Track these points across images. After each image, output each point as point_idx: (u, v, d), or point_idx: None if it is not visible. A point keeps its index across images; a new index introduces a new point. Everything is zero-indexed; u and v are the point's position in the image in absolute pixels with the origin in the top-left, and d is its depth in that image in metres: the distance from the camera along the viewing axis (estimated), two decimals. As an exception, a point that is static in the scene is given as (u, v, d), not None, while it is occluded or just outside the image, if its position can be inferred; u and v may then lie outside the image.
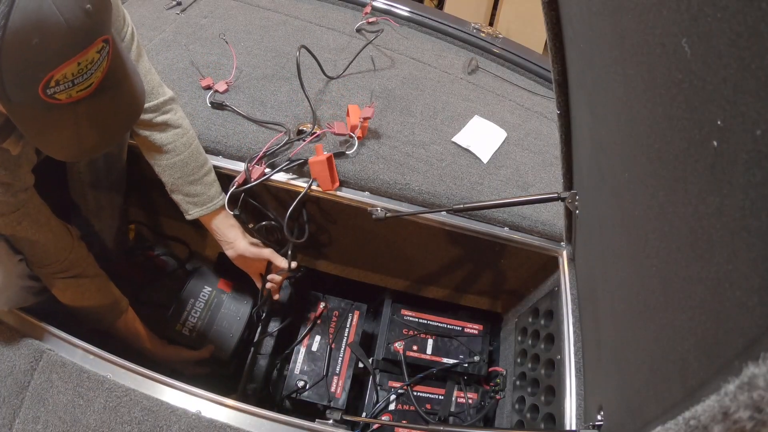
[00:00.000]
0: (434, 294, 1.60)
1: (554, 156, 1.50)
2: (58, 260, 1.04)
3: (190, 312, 1.42)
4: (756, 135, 0.35)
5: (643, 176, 0.59)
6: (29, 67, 0.64)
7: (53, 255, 1.03)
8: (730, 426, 0.35)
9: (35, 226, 0.97)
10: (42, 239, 0.99)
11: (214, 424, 0.97)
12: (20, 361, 1.00)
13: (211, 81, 1.44)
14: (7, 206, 0.91)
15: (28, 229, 0.96)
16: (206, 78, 1.44)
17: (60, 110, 0.69)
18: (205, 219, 1.23)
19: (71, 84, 0.67)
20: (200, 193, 1.19)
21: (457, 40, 1.86)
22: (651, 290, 0.59)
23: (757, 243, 0.36)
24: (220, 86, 1.43)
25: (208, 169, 1.21)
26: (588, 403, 1.00)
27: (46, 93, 0.66)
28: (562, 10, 0.86)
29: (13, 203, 0.91)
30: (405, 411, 1.32)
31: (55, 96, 0.67)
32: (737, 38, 0.36)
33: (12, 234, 0.96)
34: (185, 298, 1.43)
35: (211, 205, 1.20)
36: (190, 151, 1.17)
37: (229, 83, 1.45)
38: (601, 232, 0.88)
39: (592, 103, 0.81)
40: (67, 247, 1.05)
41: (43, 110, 0.68)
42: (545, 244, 1.31)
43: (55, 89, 0.66)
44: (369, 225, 1.26)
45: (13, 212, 0.92)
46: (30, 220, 0.96)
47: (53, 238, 1.02)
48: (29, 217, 0.96)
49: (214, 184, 1.22)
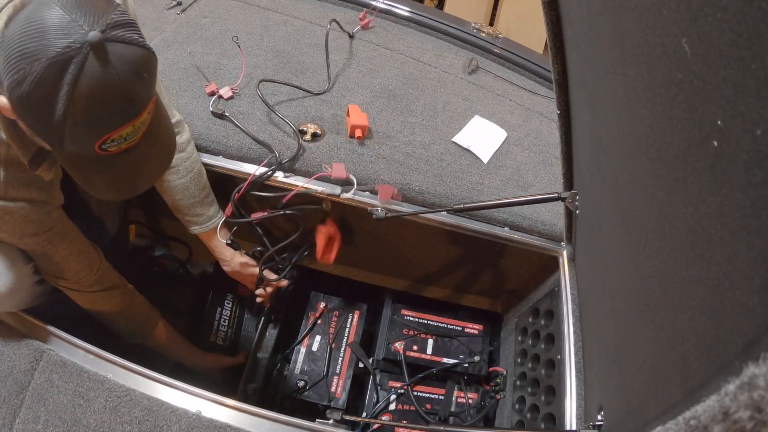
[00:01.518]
0: (434, 294, 1.60)
1: (554, 156, 1.50)
2: (88, 275, 1.06)
3: (219, 321, 1.46)
4: (756, 135, 0.35)
5: (643, 176, 0.59)
6: (91, 129, 0.69)
7: (83, 270, 1.05)
8: (731, 426, 0.35)
9: (66, 242, 0.99)
10: (71, 256, 1.01)
11: (214, 424, 0.97)
12: (20, 361, 1.00)
13: (215, 87, 1.41)
14: (41, 225, 0.93)
15: (59, 246, 0.98)
16: (211, 83, 1.42)
17: (109, 159, 0.74)
18: (203, 237, 1.29)
19: (123, 140, 0.73)
20: (200, 214, 1.25)
21: (457, 40, 1.86)
22: (651, 290, 0.59)
23: (757, 243, 0.36)
24: (225, 92, 1.40)
25: (208, 191, 1.26)
26: (588, 403, 1.00)
27: (101, 148, 0.72)
28: (562, 10, 0.86)
29: (47, 222, 0.94)
30: (405, 411, 1.32)
31: (108, 149, 0.72)
32: (737, 38, 0.36)
33: (43, 252, 0.98)
34: (212, 308, 1.46)
35: (210, 224, 1.27)
36: (193, 175, 1.21)
37: (235, 90, 1.42)
38: (602, 232, 0.88)
39: (592, 103, 0.81)
40: (95, 262, 1.08)
41: (93, 159, 0.73)
42: (545, 244, 1.31)
43: (109, 145, 0.72)
44: (369, 225, 1.27)
45: (46, 231, 0.94)
46: (61, 238, 0.98)
47: (83, 255, 1.04)
48: (60, 235, 0.98)
49: (213, 205, 1.27)
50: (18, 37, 0.64)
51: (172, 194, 1.21)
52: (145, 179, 0.83)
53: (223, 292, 1.49)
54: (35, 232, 0.93)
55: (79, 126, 0.68)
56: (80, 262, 1.04)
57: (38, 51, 0.63)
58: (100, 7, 0.67)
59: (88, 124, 0.68)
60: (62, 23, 0.64)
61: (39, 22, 0.64)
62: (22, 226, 0.91)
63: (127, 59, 0.68)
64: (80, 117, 0.67)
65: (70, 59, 0.64)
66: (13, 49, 0.64)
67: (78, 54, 0.64)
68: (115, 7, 0.68)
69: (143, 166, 0.80)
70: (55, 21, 0.64)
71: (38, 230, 0.93)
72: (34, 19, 0.64)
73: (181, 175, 1.19)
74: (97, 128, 0.69)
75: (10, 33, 0.66)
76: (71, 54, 0.63)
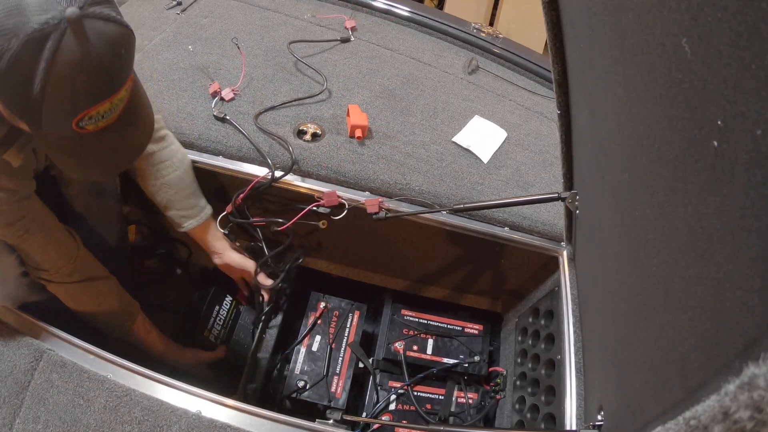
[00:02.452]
0: (434, 294, 1.60)
1: (554, 156, 1.50)
2: (66, 265, 1.05)
3: (215, 319, 1.46)
4: (756, 135, 0.35)
5: (643, 176, 0.59)
6: (68, 105, 0.69)
7: (61, 260, 1.04)
8: (731, 426, 0.35)
9: (42, 231, 0.98)
10: (49, 245, 1.00)
11: (214, 424, 0.97)
12: (20, 361, 1.00)
13: (218, 86, 1.41)
14: (12, 215, 0.92)
15: (35, 235, 0.97)
16: (214, 83, 1.42)
17: (87, 138, 0.74)
18: (198, 230, 1.27)
19: (101, 117, 0.73)
20: (194, 206, 1.24)
21: (457, 40, 1.86)
22: (651, 290, 0.59)
23: (757, 243, 0.36)
24: (226, 94, 1.40)
25: (196, 181, 1.26)
26: (588, 403, 1.00)
27: (79, 125, 0.71)
28: (562, 10, 0.86)
29: (17, 211, 0.92)
30: (405, 411, 1.32)
31: (85, 127, 0.72)
32: (737, 38, 0.36)
33: (18, 244, 0.97)
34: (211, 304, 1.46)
35: (203, 215, 1.26)
36: (185, 165, 1.22)
37: (236, 91, 1.43)
38: (602, 232, 0.88)
39: (592, 103, 0.81)
40: (72, 251, 1.06)
41: (71, 138, 0.73)
42: (545, 244, 1.31)
43: (87, 122, 0.72)
44: (369, 225, 1.27)
45: (19, 220, 0.93)
46: (36, 226, 0.97)
47: (59, 243, 1.03)
48: (35, 223, 0.97)
49: (202, 196, 1.28)
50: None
51: (168, 190, 1.20)
52: (123, 160, 0.84)
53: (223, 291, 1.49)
54: (8, 222, 0.92)
55: (56, 102, 0.67)
56: (58, 251, 1.02)
57: (16, 27, 0.62)
58: None
59: (65, 100, 0.68)
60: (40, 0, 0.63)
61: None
62: None
63: (105, 36, 0.67)
64: (57, 93, 0.67)
65: (48, 35, 0.63)
66: None
67: (56, 30, 0.63)
68: None
69: (121, 147, 0.80)
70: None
71: (11, 219, 0.92)
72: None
73: (175, 167, 1.19)
74: (74, 104, 0.69)
75: None
76: (49, 30, 0.63)
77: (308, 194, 1.30)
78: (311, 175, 1.31)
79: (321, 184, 1.31)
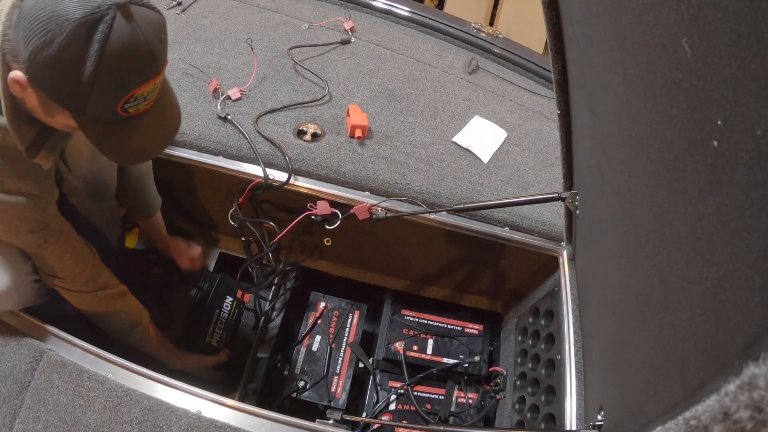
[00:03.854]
0: (434, 294, 1.60)
1: (554, 156, 1.50)
2: (82, 273, 1.06)
3: (216, 323, 1.46)
4: (756, 135, 0.35)
5: (643, 176, 0.59)
6: (116, 86, 0.73)
7: (78, 268, 1.05)
8: (731, 426, 0.35)
9: (61, 240, 0.99)
10: (66, 254, 1.01)
11: (214, 424, 0.97)
12: (20, 361, 1.00)
13: (217, 83, 1.41)
14: (36, 223, 0.93)
15: (55, 244, 0.98)
16: (212, 80, 1.42)
17: (128, 122, 0.78)
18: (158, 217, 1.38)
19: (143, 99, 0.77)
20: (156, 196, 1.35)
21: (457, 40, 1.86)
22: (651, 290, 0.59)
23: (757, 243, 0.36)
24: (233, 93, 1.40)
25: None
26: (588, 403, 1.00)
27: (123, 108, 0.75)
28: (562, 10, 0.86)
29: (42, 219, 0.93)
30: (405, 411, 1.32)
31: (128, 110, 0.76)
32: (737, 38, 0.36)
33: (38, 252, 0.97)
34: (210, 308, 1.45)
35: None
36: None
37: (244, 91, 1.42)
38: (602, 232, 0.88)
39: (592, 103, 0.81)
40: (89, 260, 1.07)
41: (114, 123, 0.77)
42: (545, 244, 1.31)
43: (130, 105, 0.75)
44: (369, 225, 1.27)
45: (42, 229, 0.94)
46: (55, 236, 0.98)
47: (76, 252, 1.04)
48: (56, 233, 0.98)
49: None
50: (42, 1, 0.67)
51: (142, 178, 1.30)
52: (158, 144, 0.87)
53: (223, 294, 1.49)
54: (31, 229, 0.93)
55: (106, 84, 0.71)
56: (75, 260, 1.03)
57: (67, 12, 0.66)
58: None
59: (115, 81, 0.72)
60: None
61: None
62: (18, 223, 0.90)
63: (149, 20, 0.73)
64: (108, 74, 0.70)
65: (100, 18, 0.67)
66: (37, 14, 0.67)
67: (107, 14, 0.67)
68: None
69: (157, 131, 0.84)
70: None
71: (34, 227, 0.93)
72: None
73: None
74: (124, 84, 0.73)
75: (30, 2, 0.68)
76: (101, 14, 0.67)
77: (308, 194, 1.30)
78: (311, 175, 1.31)
79: (321, 184, 1.31)
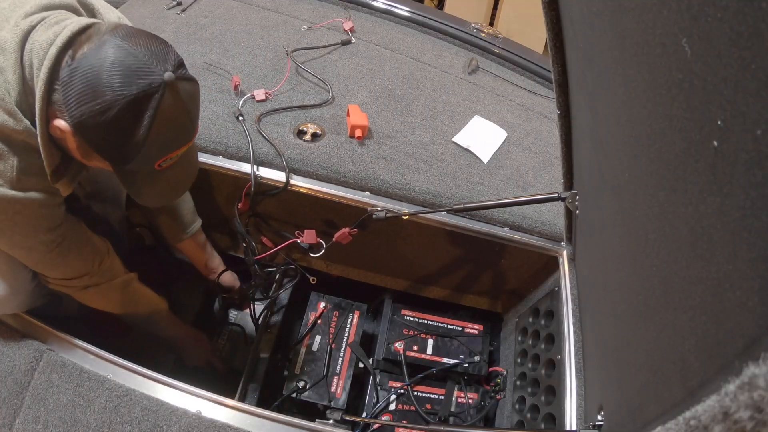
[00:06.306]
0: (434, 294, 1.60)
1: (554, 156, 1.50)
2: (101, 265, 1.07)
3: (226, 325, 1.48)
4: (756, 135, 0.35)
5: (643, 176, 0.59)
6: (160, 150, 0.83)
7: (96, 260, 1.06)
8: (731, 426, 0.35)
9: (77, 235, 1.02)
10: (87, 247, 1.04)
11: (214, 424, 0.97)
12: (20, 361, 1.00)
13: (238, 79, 1.43)
14: (53, 220, 0.94)
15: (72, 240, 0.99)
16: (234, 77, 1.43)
17: (159, 173, 0.88)
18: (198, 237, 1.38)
19: (176, 157, 0.87)
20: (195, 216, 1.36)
21: (457, 40, 1.86)
22: (651, 290, 0.59)
23: (757, 243, 0.36)
24: (258, 94, 1.42)
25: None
26: (588, 403, 1.00)
27: (160, 164, 0.86)
28: (562, 10, 0.86)
29: (58, 215, 0.95)
30: (405, 411, 1.32)
31: (162, 165, 0.86)
32: (737, 38, 0.36)
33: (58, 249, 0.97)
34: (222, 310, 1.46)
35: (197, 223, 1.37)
36: None
37: (269, 94, 1.44)
38: (602, 232, 0.88)
39: (592, 103, 0.81)
40: (104, 250, 1.09)
41: (147, 174, 0.87)
42: (545, 244, 1.31)
43: (166, 162, 0.86)
44: (369, 225, 1.27)
45: (59, 226, 0.96)
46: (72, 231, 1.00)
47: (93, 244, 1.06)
48: (71, 229, 1.00)
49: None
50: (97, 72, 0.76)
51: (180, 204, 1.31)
52: (182, 187, 0.99)
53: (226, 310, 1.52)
54: (50, 227, 0.94)
55: (151, 148, 0.81)
56: (93, 251, 1.06)
57: (122, 87, 0.75)
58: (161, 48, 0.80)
59: (159, 146, 0.82)
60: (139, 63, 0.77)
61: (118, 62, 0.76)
62: (35, 222, 0.91)
63: (189, 92, 0.83)
64: (153, 141, 0.81)
65: (152, 94, 0.77)
66: (93, 81, 0.76)
67: (157, 91, 0.77)
68: (169, 46, 0.82)
69: (181, 179, 0.95)
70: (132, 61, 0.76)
71: (51, 225, 0.94)
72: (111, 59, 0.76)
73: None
74: (165, 149, 0.84)
75: (85, 67, 0.76)
76: (153, 90, 0.77)
77: (308, 195, 1.30)
78: (311, 176, 1.31)
79: (321, 184, 1.31)
